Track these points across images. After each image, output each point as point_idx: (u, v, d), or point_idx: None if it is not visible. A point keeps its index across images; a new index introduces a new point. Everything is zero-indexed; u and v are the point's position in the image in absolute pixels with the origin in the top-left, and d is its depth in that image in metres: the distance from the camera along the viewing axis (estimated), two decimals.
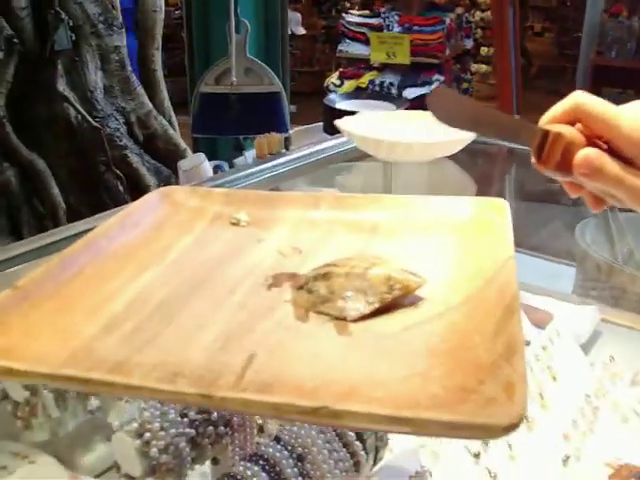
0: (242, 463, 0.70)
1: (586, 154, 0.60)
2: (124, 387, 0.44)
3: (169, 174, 3.15)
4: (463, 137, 1.15)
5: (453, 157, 1.29)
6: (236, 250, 0.68)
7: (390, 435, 0.80)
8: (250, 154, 1.80)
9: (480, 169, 1.78)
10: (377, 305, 0.55)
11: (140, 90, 3.07)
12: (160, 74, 3.22)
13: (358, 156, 1.32)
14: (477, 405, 0.40)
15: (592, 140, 0.61)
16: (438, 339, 0.50)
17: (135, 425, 0.72)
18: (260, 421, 0.76)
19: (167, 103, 3.29)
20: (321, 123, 2.02)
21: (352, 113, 1.41)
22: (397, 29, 6.23)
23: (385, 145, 1.12)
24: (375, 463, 0.77)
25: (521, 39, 11.20)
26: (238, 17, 1.90)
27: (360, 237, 0.69)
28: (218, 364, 0.47)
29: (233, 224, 0.74)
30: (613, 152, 0.60)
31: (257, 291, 0.60)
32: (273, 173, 1.21)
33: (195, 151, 2.30)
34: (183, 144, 3.19)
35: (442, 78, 6.50)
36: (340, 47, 6.66)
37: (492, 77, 8.28)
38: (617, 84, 5.99)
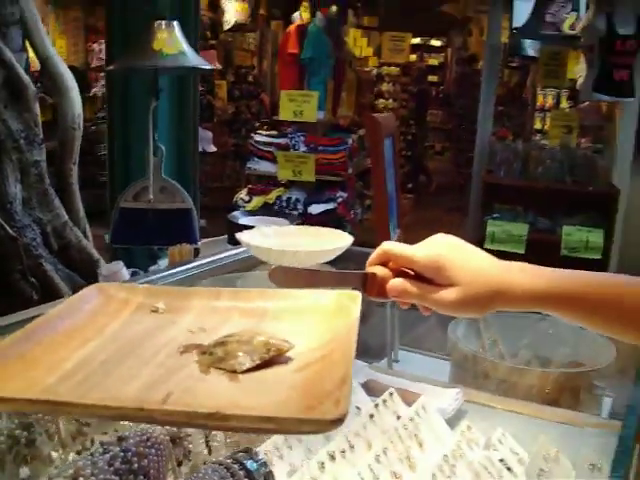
0: None
1: (392, 283, 0.94)
2: (83, 406, 0.64)
3: (82, 283, 3.27)
4: (340, 246, 1.41)
5: (338, 262, 1.54)
6: (157, 329, 0.89)
7: (285, 477, 1.01)
8: (163, 262, 2.01)
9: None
10: (258, 361, 0.77)
11: (57, 202, 3.21)
12: (76, 187, 3.38)
13: (254, 263, 1.56)
14: (317, 411, 0.62)
15: (402, 271, 0.91)
16: (299, 382, 0.73)
17: (70, 471, 0.90)
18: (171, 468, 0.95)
19: (82, 214, 3.43)
20: (226, 236, 2.25)
21: (251, 227, 1.65)
22: (303, 148, 6.57)
23: (275, 253, 1.37)
24: None
25: (421, 158, 11.91)
26: (156, 142, 2.14)
27: (252, 320, 0.92)
28: (147, 397, 0.68)
29: (153, 311, 0.95)
30: (418, 277, 0.90)
31: (173, 355, 0.81)
32: (182, 276, 1.42)
33: (114, 259, 2.48)
34: (96, 254, 3.32)
35: (345, 195, 6.85)
36: (249, 165, 6.95)
37: None
38: (506, 201, 6.43)
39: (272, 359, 0.78)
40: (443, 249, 0.92)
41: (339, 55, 7.85)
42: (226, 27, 9.32)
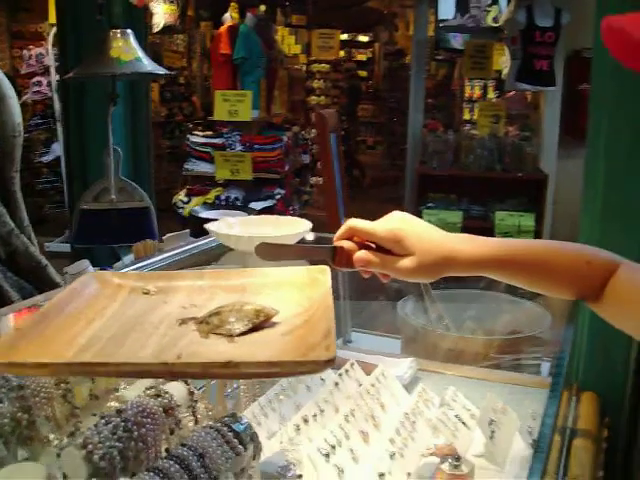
0: (162, 461, 1.00)
1: (357, 254, 1.07)
2: (114, 365, 0.75)
3: (31, 289, 3.29)
4: (301, 231, 1.54)
5: None
6: (151, 307, 1.00)
7: (264, 441, 1.12)
8: (128, 258, 2.09)
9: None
10: (251, 325, 0.89)
11: (2, 210, 3.22)
12: (19, 195, 3.39)
13: (220, 252, 1.67)
14: (312, 355, 0.75)
15: (365, 244, 1.03)
16: (289, 340, 0.85)
17: (80, 440, 1.01)
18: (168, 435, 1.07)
19: (27, 222, 3.46)
20: (188, 230, 2.35)
21: (211, 220, 1.76)
22: (239, 148, 6.63)
23: (243, 240, 1.49)
24: (254, 459, 1.09)
25: (354, 153, 12.09)
26: (112, 145, 2.23)
27: (235, 295, 1.03)
28: (162, 358, 0.79)
29: (145, 293, 1.06)
30: (379, 248, 1.03)
31: (173, 327, 0.92)
32: (156, 266, 1.53)
33: (75, 260, 2.54)
34: (44, 260, 3.35)
35: (283, 192, 6.95)
36: (186, 166, 6.96)
37: None
38: (440, 190, 6.64)
39: (262, 323, 0.90)
40: (400, 224, 1.06)
41: (270, 54, 7.94)
42: (155, 30, 9.32)
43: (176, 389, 1.15)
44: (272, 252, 1.05)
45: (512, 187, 6.54)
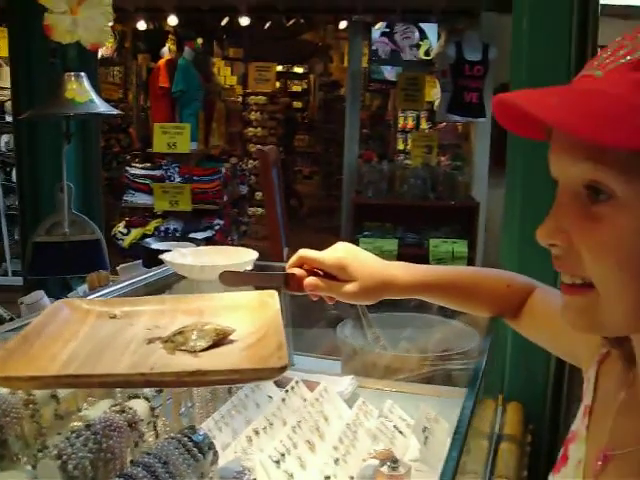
0: (131, 468, 1.11)
1: (307, 280, 1.21)
2: (98, 376, 0.86)
3: None
4: (249, 259, 1.67)
5: None
6: (119, 330, 1.11)
7: (220, 450, 1.24)
8: (81, 289, 2.18)
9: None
10: (211, 342, 1.02)
11: None
12: None
13: (172, 281, 1.78)
14: (268, 363, 0.88)
15: (314, 271, 1.17)
16: (245, 353, 0.98)
17: (55, 452, 1.11)
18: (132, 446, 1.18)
19: None
20: (140, 261, 2.45)
21: (163, 251, 1.88)
22: (178, 179, 6.69)
23: (196, 269, 1.61)
24: (212, 465, 1.21)
25: (291, 183, 12.25)
26: (65, 181, 2.33)
27: (194, 318, 1.16)
28: (137, 370, 0.91)
29: (112, 317, 1.17)
30: (326, 275, 1.17)
31: (141, 346, 1.04)
32: (114, 295, 1.63)
33: (28, 292, 2.60)
34: None
35: (222, 222, 7.05)
36: (125, 197, 6.98)
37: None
38: (376, 219, 6.82)
39: (221, 340, 1.02)
40: (344, 253, 1.21)
41: (208, 87, 8.09)
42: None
43: (139, 406, 1.26)
44: (234, 279, 1.19)
45: (445, 215, 6.77)
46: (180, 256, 1.68)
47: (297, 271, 1.20)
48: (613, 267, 0.74)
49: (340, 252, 1.22)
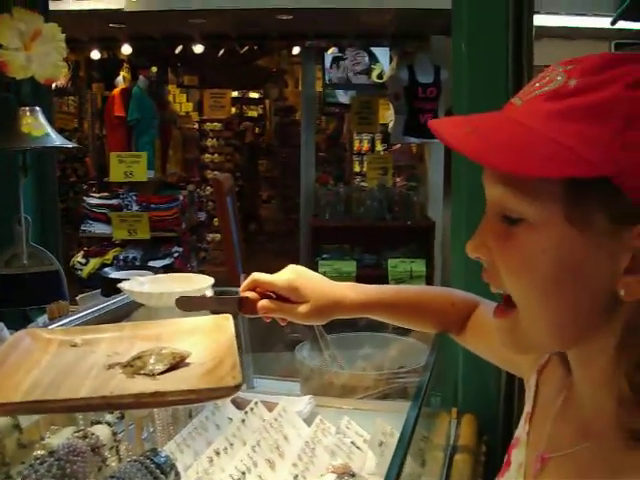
0: None
1: (260, 303, 1.26)
2: (60, 401, 0.90)
3: None
4: (205, 286, 1.71)
5: None
6: (81, 357, 1.15)
7: (182, 471, 1.28)
8: (41, 320, 2.20)
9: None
10: (169, 365, 1.07)
11: None
12: None
13: (131, 309, 1.82)
14: (223, 382, 0.93)
15: (266, 294, 1.22)
16: (202, 374, 1.03)
17: (19, 479, 1.15)
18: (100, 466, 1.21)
19: None
20: (99, 290, 2.48)
21: (121, 280, 1.91)
22: (136, 208, 6.69)
23: (155, 296, 1.66)
24: None
25: (251, 208, 12.29)
26: (22, 213, 2.35)
27: (152, 343, 1.20)
28: (99, 394, 0.96)
29: (72, 346, 1.21)
30: (278, 297, 1.21)
31: (102, 372, 1.08)
32: (74, 324, 1.66)
33: None
34: None
35: (181, 249, 7.05)
36: (83, 227, 6.95)
37: None
38: (334, 241, 6.89)
39: (178, 363, 1.07)
40: (295, 275, 1.26)
41: (163, 114, 8.13)
42: None
43: (101, 431, 1.30)
44: (190, 304, 1.23)
45: (402, 235, 6.87)
46: (138, 284, 1.72)
47: (250, 294, 1.24)
48: (528, 286, 0.79)
49: (291, 274, 1.27)
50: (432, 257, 6.81)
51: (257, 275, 1.27)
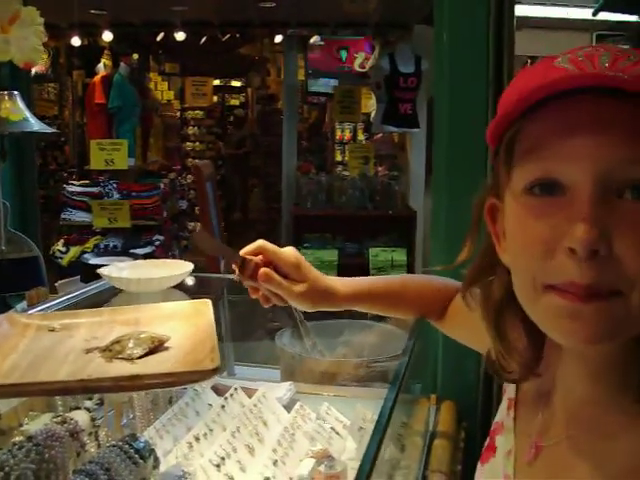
0: (74, 476, 1.14)
1: (262, 270, 1.22)
2: (39, 384, 0.90)
3: None
4: (184, 272, 1.71)
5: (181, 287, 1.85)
6: (59, 342, 1.15)
7: (162, 456, 1.28)
8: (20, 306, 2.19)
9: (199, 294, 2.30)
10: (147, 349, 1.06)
11: None
12: None
13: (110, 295, 1.81)
14: (201, 366, 0.93)
15: (268, 264, 1.20)
16: (180, 357, 1.03)
17: None
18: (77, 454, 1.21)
19: None
20: (78, 277, 2.46)
21: (100, 267, 1.90)
22: (116, 196, 6.63)
23: (133, 282, 1.65)
24: (153, 469, 1.24)
25: (235, 197, 12.26)
26: (0, 199, 2.34)
27: (130, 327, 1.20)
28: (77, 377, 0.95)
29: (51, 330, 1.21)
30: (278, 271, 1.20)
31: (80, 356, 1.08)
32: (54, 309, 1.65)
33: None
34: None
35: (162, 238, 7.02)
36: (63, 215, 6.88)
37: None
38: (315, 230, 6.89)
39: (157, 347, 1.07)
40: (297, 254, 1.25)
41: (145, 102, 8.08)
42: None
43: (80, 417, 1.29)
44: (204, 240, 1.18)
45: (384, 224, 6.88)
46: (117, 270, 1.72)
47: (255, 258, 1.21)
48: None
49: (293, 252, 1.26)
50: (413, 246, 6.83)
51: (263, 242, 1.24)
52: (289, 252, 1.26)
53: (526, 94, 0.75)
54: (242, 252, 1.24)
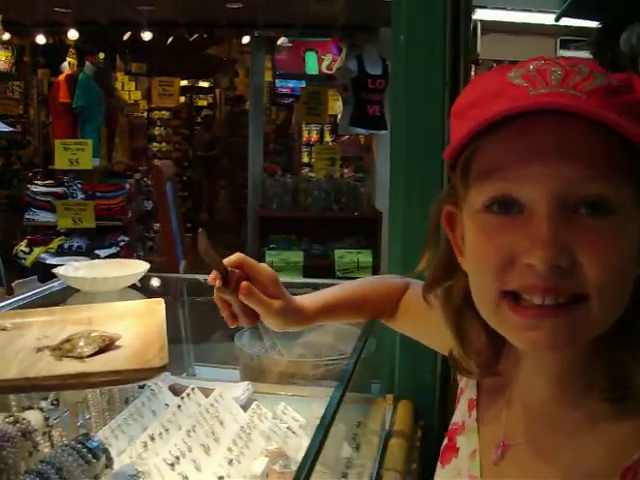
0: (25, 476, 1.14)
1: (245, 283, 1.14)
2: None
3: None
4: (141, 271, 1.72)
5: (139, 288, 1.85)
6: (10, 341, 1.15)
7: (116, 456, 1.29)
8: None
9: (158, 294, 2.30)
10: (97, 348, 1.07)
11: None
12: None
13: (66, 295, 1.80)
14: (149, 364, 0.93)
15: (247, 278, 1.17)
16: (130, 356, 1.03)
17: None
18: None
19: None
20: (35, 276, 2.45)
21: (54, 267, 1.90)
22: (81, 196, 6.58)
23: (88, 281, 1.65)
24: (106, 468, 1.25)
25: (202, 197, 12.21)
26: None
27: (83, 326, 1.20)
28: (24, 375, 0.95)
29: (2, 329, 1.20)
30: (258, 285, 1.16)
31: (30, 354, 1.08)
32: (8, 309, 1.64)
33: None
34: None
35: (127, 239, 6.96)
36: (27, 216, 6.81)
37: None
38: (281, 231, 6.89)
39: (107, 346, 1.07)
40: (273, 271, 1.22)
41: (110, 102, 8.00)
42: None
43: (33, 416, 1.29)
44: (201, 241, 1.15)
45: (349, 226, 6.90)
46: (73, 269, 1.72)
47: (238, 272, 1.16)
48: (612, 271, 0.76)
49: (269, 268, 1.22)
50: (379, 248, 6.85)
51: (242, 255, 1.19)
52: (266, 267, 1.22)
53: (483, 120, 0.77)
54: (227, 263, 1.18)
